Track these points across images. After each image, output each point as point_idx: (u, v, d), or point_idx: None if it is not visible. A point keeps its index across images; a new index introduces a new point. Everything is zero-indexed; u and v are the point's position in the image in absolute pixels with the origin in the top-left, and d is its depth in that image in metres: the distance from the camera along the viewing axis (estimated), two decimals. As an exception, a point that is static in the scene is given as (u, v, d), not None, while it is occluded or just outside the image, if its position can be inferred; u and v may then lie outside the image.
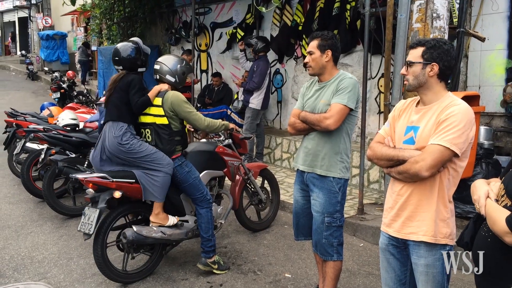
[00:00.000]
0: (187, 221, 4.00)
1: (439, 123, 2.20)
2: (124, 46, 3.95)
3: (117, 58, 3.93)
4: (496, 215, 1.82)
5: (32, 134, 6.09)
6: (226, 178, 4.57)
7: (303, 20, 7.62)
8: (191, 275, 3.99)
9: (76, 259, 4.35)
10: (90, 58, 17.89)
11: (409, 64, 2.32)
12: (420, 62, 2.28)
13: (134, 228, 3.67)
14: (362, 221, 4.89)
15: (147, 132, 3.82)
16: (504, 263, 1.85)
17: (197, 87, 9.56)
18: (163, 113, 3.74)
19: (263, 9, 6.51)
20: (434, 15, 4.24)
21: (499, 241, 1.82)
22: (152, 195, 3.71)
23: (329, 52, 3.14)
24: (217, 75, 9.04)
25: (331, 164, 3.13)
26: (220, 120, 4.08)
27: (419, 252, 2.31)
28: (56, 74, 12.98)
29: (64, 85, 12.01)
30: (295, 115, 3.25)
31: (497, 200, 1.89)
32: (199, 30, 10.10)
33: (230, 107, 8.29)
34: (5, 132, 7.15)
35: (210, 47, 10.18)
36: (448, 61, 2.27)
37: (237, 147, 4.59)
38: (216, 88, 8.97)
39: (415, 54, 2.31)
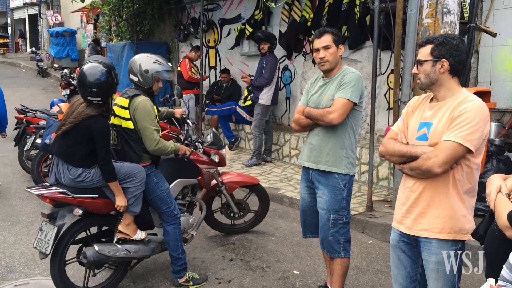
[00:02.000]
0: (155, 234, 3.74)
1: (453, 119, 2.18)
2: (92, 69, 3.25)
3: (85, 85, 3.23)
4: (501, 209, 1.86)
5: (42, 131, 6.13)
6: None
7: (312, 16, 7.58)
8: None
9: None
10: (99, 55, 17.97)
11: (419, 62, 2.31)
12: (429, 60, 2.27)
13: (96, 247, 3.37)
14: (371, 218, 4.87)
15: (114, 134, 3.48)
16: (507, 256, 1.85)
17: (206, 84, 9.56)
18: (128, 117, 3.41)
19: (272, 5, 6.48)
20: (445, 10, 4.19)
21: (504, 235, 1.84)
22: (128, 207, 3.40)
23: (342, 47, 3.16)
24: (225, 71, 9.04)
25: (336, 160, 3.11)
26: (172, 143, 3.62)
27: (430, 249, 2.29)
28: (66, 70, 13.05)
29: (74, 82, 12.06)
30: (300, 111, 3.24)
31: (508, 195, 1.90)
32: (208, 26, 10.09)
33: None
34: (15, 129, 7.20)
35: (218, 44, 10.17)
36: (458, 56, 2.25)
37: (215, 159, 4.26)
38: (224, 85, 8.97)
39: (425, 52, 2.30)
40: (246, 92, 8.44)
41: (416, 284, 2.45)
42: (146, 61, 3.54)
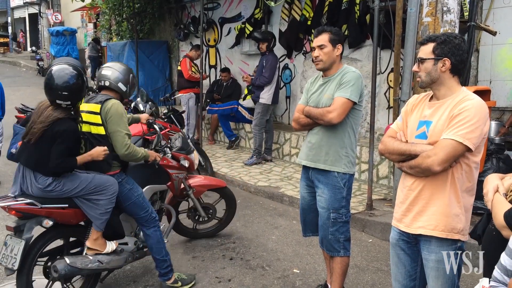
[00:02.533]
0: (126, 244, 3.58)
1: (452, 118, 2.18)
2: (61, 72, 3.08)
3: (53, 87, 3.05)
4: (498, 209, 1.86)
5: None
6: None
7: (312, 14, 7.58)
8: (199, 270, 4.00)
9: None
10: (100, 54, 17.98)
11: (421, 60, 2.30)
12: (431, 58, 2.26)
13: (67, 260, 3.17)
14: (371, 217, 4.87)
15: (81, 142, 3.28)
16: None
17: (206, 83, 9.56)
18: (100, 122, 3.25)
19: (272, 4, 6.47)
20: (445, 8, 4.19)
21: (501, 235, 1.84)
22: (95, 219, 3.24)
23: (340, 47, 3.14)
24: (225, 70, 9.04)
25: (336, 159, 3.12)
26: (143, 149, 3.53)
27: (429, 247, 2.29)
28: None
29: (74, 81, 12.07)
30: (300, 110, 3.24)
31: (505, 195, 1.90)
32: (208, 25, 10.09)
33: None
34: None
35: (218, 42, 10.17)
36: (460, 55, 2.25)
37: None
38: (224, 84, 8.97)
39: (426, 50, 2.29)
40: (246, 91, 8.44)
41: (416, 282, 2.45)
42: (132, 75, 3.60)
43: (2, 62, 24.68)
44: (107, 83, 3.44)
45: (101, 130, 3.28)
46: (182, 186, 4.19)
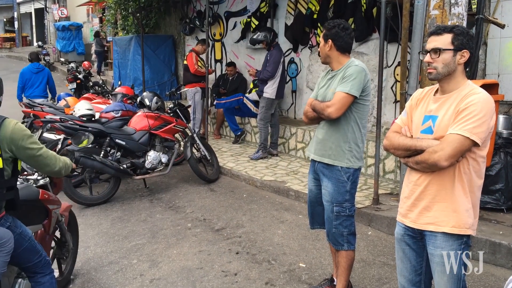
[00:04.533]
0: None
1: (459, 112, 2.16)
2: None
3: None
4: None
5: (49, 125, 6.17)
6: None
7: (318, 8, 7.53)
8: (206, 264, 4.02)
9: (93, 247, 4.41)
10: (105, 49, 18.01)
11: (438, 51, 2.22)
12: (451, 49, 2.21)
13: None
14: (377, 211, 4.86)
15: None
16: None
17: (211, 77, 9.55)
18: None
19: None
20: (453, 1, 4.14)
21: None
22: None
23: (329, 42, 3.17)
24: (231, 64, 9.02)
25: (338, 153, 3.13)
26: (65, 158, 2.88)
27: (435, 242, 2.28)
28: (72, 64, 13.09)
29: (80, 76, 12.12)
30: (309, 103, 3.28)
31: None
32: (213, 19, 10.06)
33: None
34: (22, 123, 7.25)
35: (224, 37, 10.15)
36: (472, 48, 2.24)
37: (52, 186, 3.41)
38: (230, 78, 8.96)
39: (444, 41, 2.22)
40: (251, 85, 8.42)
41: (422, 277, 2.44)
42: None
43: (8, 57, 24.80)
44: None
45: None
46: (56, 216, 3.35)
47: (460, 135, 2.12)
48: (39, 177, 3.26)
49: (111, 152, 5.84)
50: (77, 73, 12.21)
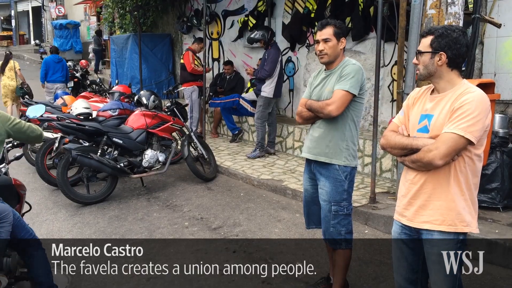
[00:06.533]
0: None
1: (453, 111, 2.17)
2: None
3: None
4: None
5: (46, 123, 6.16)
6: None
7: (315, 7, 7.53)
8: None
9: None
10: (103, 47, 17.98)
11: (419, 53, 2.30)
12: (428, 52, 2.27)
13: None
14: (374, 210, 4.87)
15: None
16: None
17: (209, 76, 9.55)
18: None
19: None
20: (449, 1, 4.16)
21: None
22: None
23: (344, 40, 3.15)
24: (228, 63, 9.01)
25: (336, 152, 3.13)
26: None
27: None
28: (70, 63, 13.05)
29: (78, 74, 12.09)
30: (303, 104, 3.26)
31: None
32: (211, 18, 10.05)
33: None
34: (20, 121, 7.24)
35: (221, 35, 10.14)
36: (458, 49, 2.24)
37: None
38: (228, 77, 8.95)
39: (425, 43, 2.29)
40: (249, 84, 8.42)
41: (418, 275, 2.45)
42: None
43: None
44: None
45: None
46: None
47: (455, 133, 2.13)
48: (1, 165, 3.38)
49: (108, 151, 5.84)
50: (74, 72, 12.19)
